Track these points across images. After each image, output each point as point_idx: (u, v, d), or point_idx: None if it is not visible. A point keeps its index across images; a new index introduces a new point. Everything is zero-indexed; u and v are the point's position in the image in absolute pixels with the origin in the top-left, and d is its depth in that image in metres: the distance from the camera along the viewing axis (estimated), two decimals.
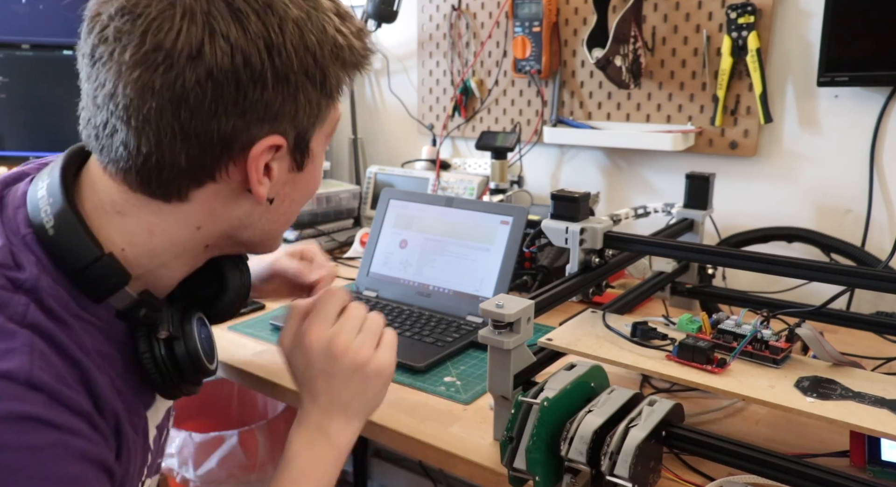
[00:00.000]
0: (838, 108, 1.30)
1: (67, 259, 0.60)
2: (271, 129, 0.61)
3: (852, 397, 0.73)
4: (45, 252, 0.60)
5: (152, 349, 0.66)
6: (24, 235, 0.61)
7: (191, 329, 0.70)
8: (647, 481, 0.70)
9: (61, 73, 2.07)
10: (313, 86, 0.62)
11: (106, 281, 0.61)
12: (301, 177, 0.68)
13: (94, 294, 0.62)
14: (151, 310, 0.66)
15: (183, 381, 0.69)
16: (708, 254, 1.03)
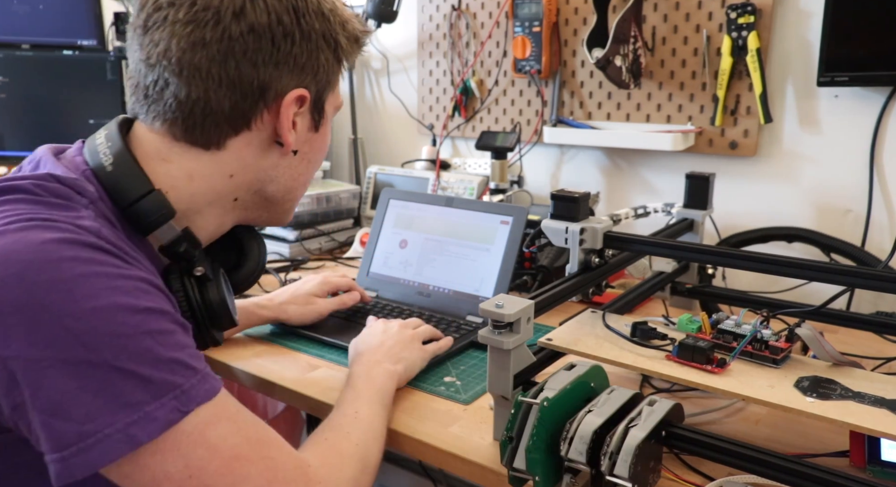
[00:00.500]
0: (838, 108, 1.30)
1: (123, 191, 0.70)
2: (298, 83, 0.73)
3: (852, 397, 0.73)
4: (102, 186, 0.70)
5: (185, 287, 0.74)
6: (84, 170, 0.71)
7: (219, 275, 0.79)
8: (646, 481, 0.70)
9: (61, 72, 2.07)
10: (329, 47, 0.74)
11: (154, 213, 0.70)
12: (317, 138, 0.80)
13: (142, 226, 0.70)
14: (192, 246, 0.73)
15: (212, 323, 0.76)
16: (708, 254, 1.03)
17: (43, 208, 0.62)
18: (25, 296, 0.56)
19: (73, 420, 0.56)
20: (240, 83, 0.70)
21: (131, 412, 0.57)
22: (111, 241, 0.63)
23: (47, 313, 0.56)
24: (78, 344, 0.56)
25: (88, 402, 0.56)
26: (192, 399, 0.61)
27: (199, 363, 0.64)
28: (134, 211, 0.70)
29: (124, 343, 0.58)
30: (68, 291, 0.57)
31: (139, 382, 0.58)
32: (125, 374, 0.57)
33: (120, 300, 0.59)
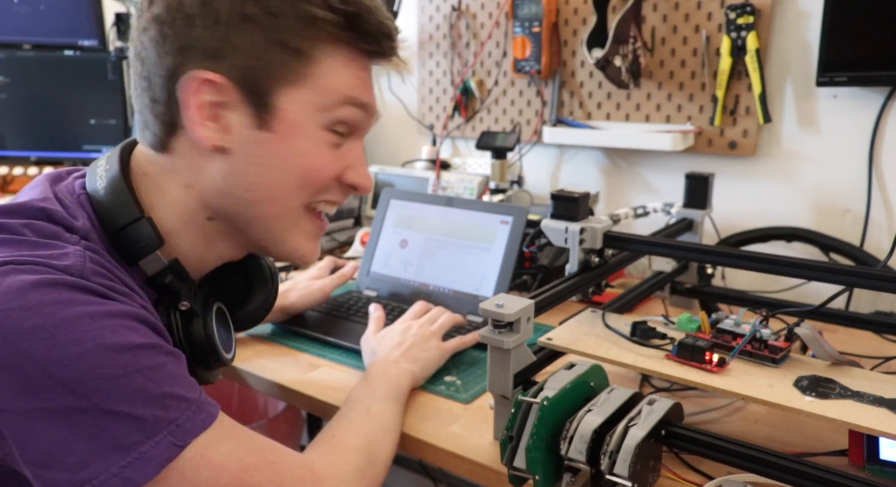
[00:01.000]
0: (837, 108, 1.31)
1: (111, 218, 0.66)
2: (209, 67, 0.65)
3: (851, 396, 0.73)
4: (94, 211, 0.67)
5: (170, 320, 0.69)
6: (79, 195, 0.68)
7: (210, 311, 0.73)
8: (646, 480, 0.71)
9: (62, 73, 2.07)
10: (256, 29, 0.64)
11: (139, 242, 0.66)
12: (272, 140, 0.67)
13: (130, 254, 0.67)
14: (178, 279, 0.69)
15: (196, 362, 0.70)
16: (707, 254, 1.03)
17: (26, 249, 0.59)
18: (7, 347, 0.53)
19: (66, 470, 0.54)
20: (152, 79, 0.67)
21: (125, 454, 0.55)
22: (97, 277, 0.60)
23: (31, 362, 0.53)
24: (66, 391, 0.54)
25: (80, 449, 0.54)
26: (189, 431, 0.59)
27: (194, 392, 0.62)
28: (121, 238, 0.67)
29: (113, 385, 0.55)
30: (52, 337, 0.54)
31: (132, 423, 0.56)
32: (116, 416, 0.55)
33: (106, 340, 0.56)
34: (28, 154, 2.10)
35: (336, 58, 0.68)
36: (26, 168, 2.11)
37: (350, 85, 0.69)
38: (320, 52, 0.67)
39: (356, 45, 0.69)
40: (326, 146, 0.70)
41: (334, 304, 1.28)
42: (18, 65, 2.06)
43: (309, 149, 0.69)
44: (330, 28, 0.66)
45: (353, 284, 1.38)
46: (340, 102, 0.69)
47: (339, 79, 0.68)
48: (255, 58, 0.65)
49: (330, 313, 1.24)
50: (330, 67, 0.67)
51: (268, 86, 0.66)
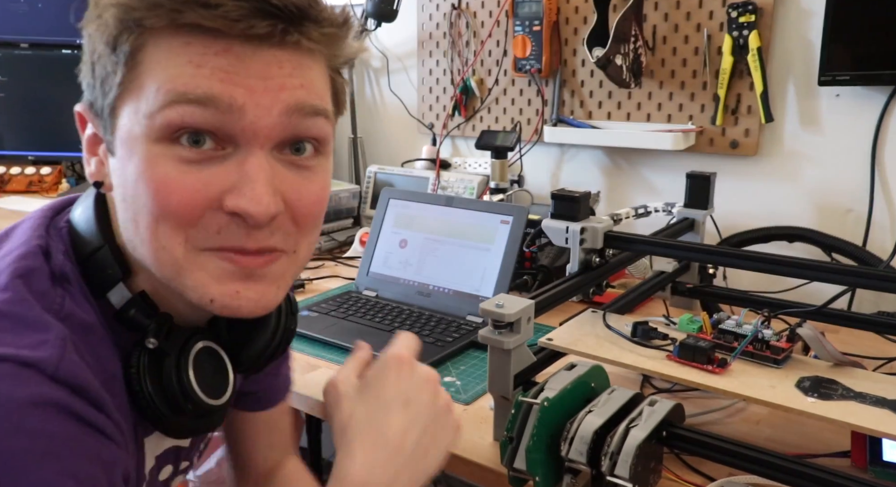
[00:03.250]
0: (839, 108, 1.30)
1: (81, 245, 0.60)
2: (83, 99, 0.58)
3: (853, 397, 0.73)
4: (71, 242, 0.60)
5: (139, 361, 0.59)
6: (61, 227, 0.61)
7: (188, 350, 0.61)
8: (647, 481, 0.70)
9: (60, 71, 2.07)
10: (95, 43, 0.55)
11: (106, 270, 0.59)
12: (118, 165, 0.55)
13: (97, 285, 0.59)
14: (142, 314, 0.60)
15: (169, 408, 0.59)
16: (709, 254, 1.03)
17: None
18: None
19: None
20: None
21: None
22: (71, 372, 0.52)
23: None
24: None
25: None
26: None
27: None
28: (87, 267, 0.59)
29: None
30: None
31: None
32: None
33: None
34: (25, 153, 2.10)
35: (160, 50, 0.52)
36: (24, 167, 2.11)
37: (176, 77, 0.51)
38: (142, 49, 0.52)
39: (179, 27, 0.52)
40: (170, 163, 0.52)
41: (333, 305, 1.28)
42: (16, 64, 2.06)
43: (145, 168, 0.53)
44: (133, 14, 0.51)
45: (353, 284, 1.38)
46: (163, 102, 0.51)
47: (162, 73, 0.52)
48: (92, 75, 0.55)
49: (329, 313, 1.24)
50: (153, 64, 0.52)
51: (106, 103, 0.55)
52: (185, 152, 0.53)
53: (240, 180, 0.53)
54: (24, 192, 2.07)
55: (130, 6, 0.51)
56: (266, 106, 0.53)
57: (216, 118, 0.52)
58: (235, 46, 0.52)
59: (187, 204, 0.53)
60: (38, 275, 0.56)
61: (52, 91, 2.06)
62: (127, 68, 0.53)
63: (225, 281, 0.56)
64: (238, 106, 0.52)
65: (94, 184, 0.59)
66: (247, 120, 0.52)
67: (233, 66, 0.52)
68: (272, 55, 0.53)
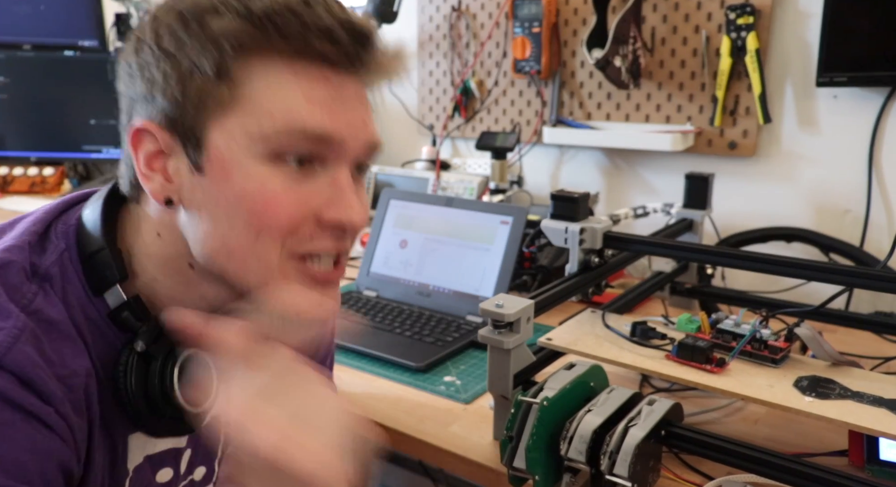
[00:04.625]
0: (837, 109, 1.31)
1: (85, 244, 0.62)
2: (144, 114, 0.58)
3: (851, 396, 0.73)
4: (76, 240, 0.62)
5: (127, 363, 0.61)
6: (71, 224, 0.63)
7: (175, 356, 0.62)
8: (646, 480, 0.71)
9: (62, 73, 2.08)
10: (173, 61, 0.56)
11: (105, 271, 0.61)
12: (207, 183, 0.58)
13: (95, 285, 0.61)
14: (135, 317, 0.61)
15: (150, 410, 0.61)
16: (707, 254, 1.04)
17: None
18: None
19: None
20: (121, 124, 0.61)
21: None
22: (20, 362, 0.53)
23: None
24: None
25: None
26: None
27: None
28: (89, 266, 0.61)
29: None
30: None
31: None
32: None
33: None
34: (28, 154, 2.11)
35: (267, 73, 0.55)
36: (26, 168, 2.11)
37: (291, 108, 0.55)
38: (243, 69, 0.55)
39: (292, 54, 0.56)
40: (277, 179, 0.56)
41: None
42: (18, 65, 2.06)
43: (250, 186, 0.56)
44: (241, 38, 0.55)
45: (354, 284, 1.38)
46: (279, 130, 0.55)
47: (274, 99, 0.55)
48: (176, 93, 0.56)
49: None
50: (261, 86, 0.55)
51: (195, 121, 0.57)
52: (290, 171, 0.57)
53: (334, 194, 0.59)
54: (26, 193, 2.08)
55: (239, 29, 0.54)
56: (358, 138, 0.60)
57: (321, 148, 0.58)
58: (332, 77, 0.58)
59: (292, 217, 0.58)
60: (13, 269, 0.58)
61: (55, 92, 2.07)
62: (226, 87, 0.56)
63: (309, 294, 0.59)
64: (339, 141, 0.58)
65: (165, 202, 0.59)
66: (343, 150, 0.59)
67: (333, 98, 0.58)
68: (354, 87, 0.60)
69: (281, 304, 0.58)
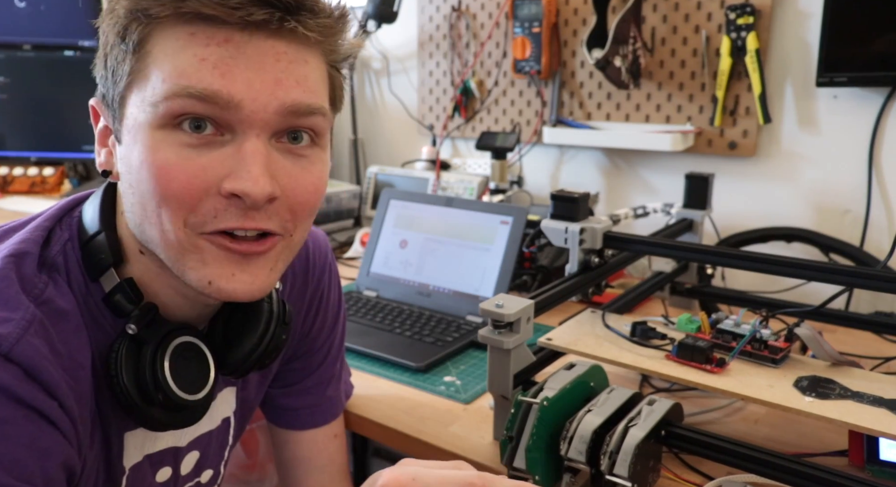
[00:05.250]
0: (837, 109, 1.31)
1: (84, 230, 0.63)
2: (96, 94, 0.61)
3: (851, 396, 0.73)
4: (77, 230, 0.63)
5: (119, 347, 0.61)
6: (75, 216, 0.64)
7: (168, 342, 0.62)
8: (646, 480, 0.71)
9: (62, 73, 2.07)
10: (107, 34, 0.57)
11: (100, 255, 0.61)
12: (124, 153, 0.58)
13: (92, 270, 0.62)
14: (126, 299, 0.61)
15: (141, 397, 0.60)
16: (707, 254, 1.03)
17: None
18: None
19: None
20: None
21: None
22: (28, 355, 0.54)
23: None
24: None
25: None
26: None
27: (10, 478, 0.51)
28: (86, 251, 0.62)
29: None
30: None
31: None
32: None
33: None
34: (28, 154, 2.11)
35: (167, 41, 0.54)
36: (26, 168, 2.11)
37: (181, 70, 0.53)
38: (151, 40, 0.55)
39: (189, 18, 0.54)
40: (171, 149, 0.55)
41: None
42: (19, 65, 2.06)
43: (147, 155, 0.55)
44: (148, 8, 0.54)
45: (354, 284, 1.38)
46: (167, 94, 0.54)
47: (168, 64, 0.54)
48: (103, 69, 0.58)
49: None
50: (160, 54, 0.54)
51: (115, 94, 0.57)
52: (187, 138, 0.55)
53: (237, 164, 0.55)
54: (26, 193, 2.08)
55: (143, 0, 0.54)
56: (262, 102, 0.55)
57: (215, 110, 0.54)
58: (235, 36, 0.54)
59: (187, 188, 0.55)
60: (28, 260, 0.59)
61: (55, 92, 2.06)
62: (135, 58, 0.55)
63: (222, 264, 0.58)
64: (236, 102, 0.54)
65: (102, 173, 0.62)
66: (243, 113, 0.55)
67: (233, 57, 0.54)
68: (270, 46, 0.55)
69: (192, 281, 0.58)
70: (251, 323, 0.68)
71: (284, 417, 0.86)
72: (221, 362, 0.68)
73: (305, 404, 0.86)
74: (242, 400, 0.78)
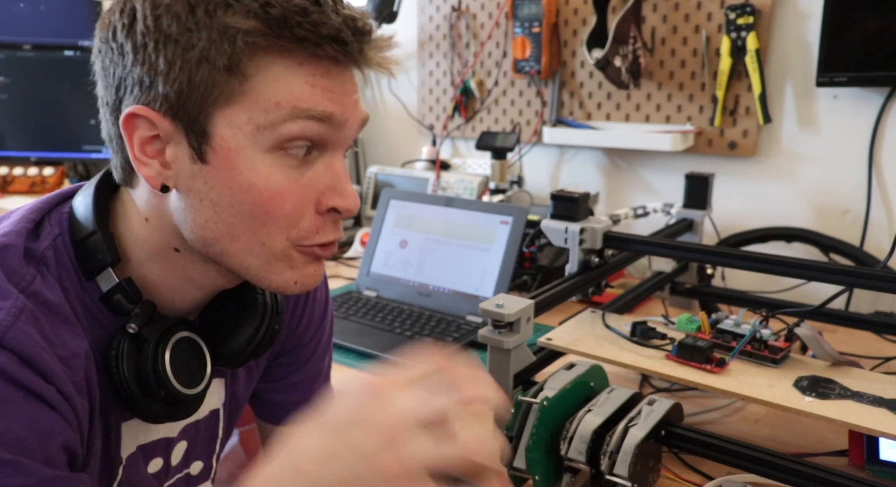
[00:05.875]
0: (837, 109, 1.31)
1: (77, 229, 0.63)
2: (141, 100, 0.58)
3: (851, 396, 0.73)
4: (69, 226, 0.63)
5: (119, 345, 0.61)
6: (65, 212, 0.64)
7: (168, 338, 0.64)
8: (646, 480, 0.71)
9: (62, 73, 2.07)
10: (178, 49, 0.56)
11: (97, 254, 0.61)
12: (210, 172, 0.58)
13: (88, 269, 0.62)
14: (127, 299, 0.62)
15: (143, 393, 0.62)
16: (707, 254, 1.04)
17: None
18: None
19: None
20: (103, 107, 0.61)
21: None
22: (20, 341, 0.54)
23: None
24: None
25: None
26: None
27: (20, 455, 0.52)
28: (80, 251, 0.62)
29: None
30: None
31: None
32: None
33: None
34: (28, 154, 2.10)
35: (274, 68, 0.57)
36: (26, 168, 2.11)
37: (297, 95, 0.57)
38: (253, 64, 0.56)
39: (297, 50, 0.57)
40: (281, 171, 0.58)
41: (334, 305, 1.28)
42: (19, 65, 2.06)
43: (256, 178, 0.58)
44: (256, 37, 0.56)
45: (354, 284, 1.38)
46: (286, 117, 0.57)
47: (281, 90, 0.57)
48: (181, 82, 0.56)
49: None
50: (268, 79, 0.57)
51: (200, 111, 0.57)
52: (291, 161, 0.59)
53: (333, 181, 0.61)
54: (26, 193, 2.08)
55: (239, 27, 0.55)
56: (354, 120, 0.63)
57: (328, 131, 0.60)
58: (332, 69, 0.60)
59: (296, 208, 0.60)
60: (11, 252, 0.59)
61: (55, 92, 2.06)
62: (227, 81, 0.56)
63: (306, 267, 0.64)
64: (345, 121, 0.61)
65: (161, 188, 0.59)
66: (345, 133, 0.62)
67: (335, 86, 0.60)
68: (350, 73, 0.62)
69: (272, 285, 0.62)
70: (246, 313, 0.70)
71: (273, 413, 0.87)
72: (217, 353, 0.69)
73: (294, 399, 0.86)
74: (231, 394, 0.78)
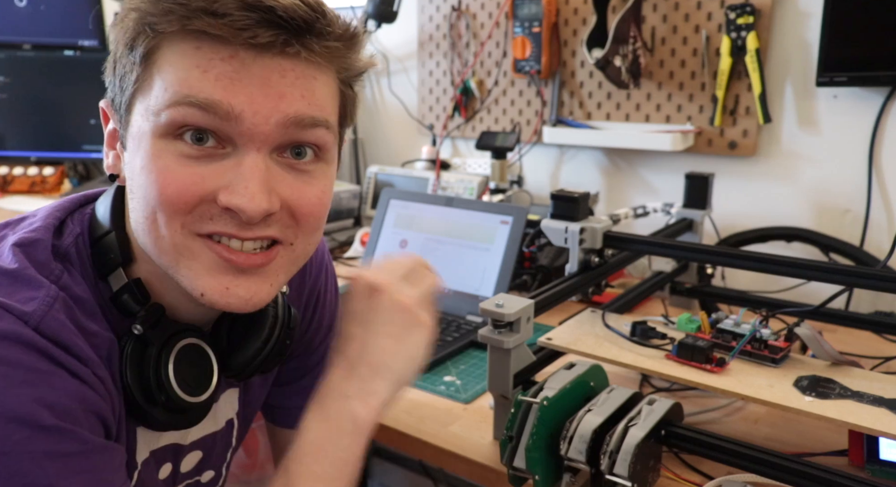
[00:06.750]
0: (837, 108, 1.31)
1: (95, 229, 0.63)
2: (107, 95, 0.61)
3: (851, 396, 0.73)
4: (90, 226, 0.64)
5: (125, 347, 0.61)
6: (87, 213, 0.65)
7: (173, 344, 0.63)
8: (646, 480, 0.71)
9: (62, 73, 2.08)
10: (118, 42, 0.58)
11: (109, 254, 0.62)
12: (128, 159, 0.59)
13: (101, 268, 0.62)
14: (135, 300, 0.61)
15: (144, 398, 0.61)
16: (707, 254, 1.04)
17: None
18: None
19: None
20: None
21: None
22: (55, 330, 0.54)
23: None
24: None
25: None
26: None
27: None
28: (96, 250, 0.62)
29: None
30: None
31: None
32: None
33: (20, 410, 0.50)
34: (28, 154, 2.11)
35: (173, 54, 0.55)
36: (26, 168, 2.11)
37: (182, 80, 0.54)
38: (159, 51, 0.55)
39: (196, 34, 0.54)
40: (171, 156, 0.55)
41: None
42: (18, 65, 2.06)
43: (150, 162, 0.56)
44: (155, 22, 0.54)
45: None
46: (169, 102, 0.54)
47: (173, 75, 0.55)
48: (113, 75, 0.59)
49: None
50: (166, 66, 0.55)
51: (122, 100, 0.58)
52: (187, 148, 0.56)
53: (234, 178, 0.56)
54: (26, 193, 2.08)
55: (147, 12, 0.54)
56: (264, 114, 0.55)
57: (216, 121, 0.55)
58: (241, 53, 0.54)
59: (183, 193, 0.56)
60: (39, 247, 0.59)
61: (55, 92, 2.07)
62: (142, 68, 0.56)
63: (216, 275, 0.58)
64: (236, 113, 0.54)
65: (109, 176, 0.62)
66: (244, 126, 0.55)
67: (237, 71, 0.54)
68: (276, 63, 0.55)
69: (186, 287, 0.59)
70: (256, 326, 0.68)
71: (282, 416, 0.86)
72: (225, 365, 0.68)
73: (302, 404, 0.86)
74: (245, 403, 0.78)
